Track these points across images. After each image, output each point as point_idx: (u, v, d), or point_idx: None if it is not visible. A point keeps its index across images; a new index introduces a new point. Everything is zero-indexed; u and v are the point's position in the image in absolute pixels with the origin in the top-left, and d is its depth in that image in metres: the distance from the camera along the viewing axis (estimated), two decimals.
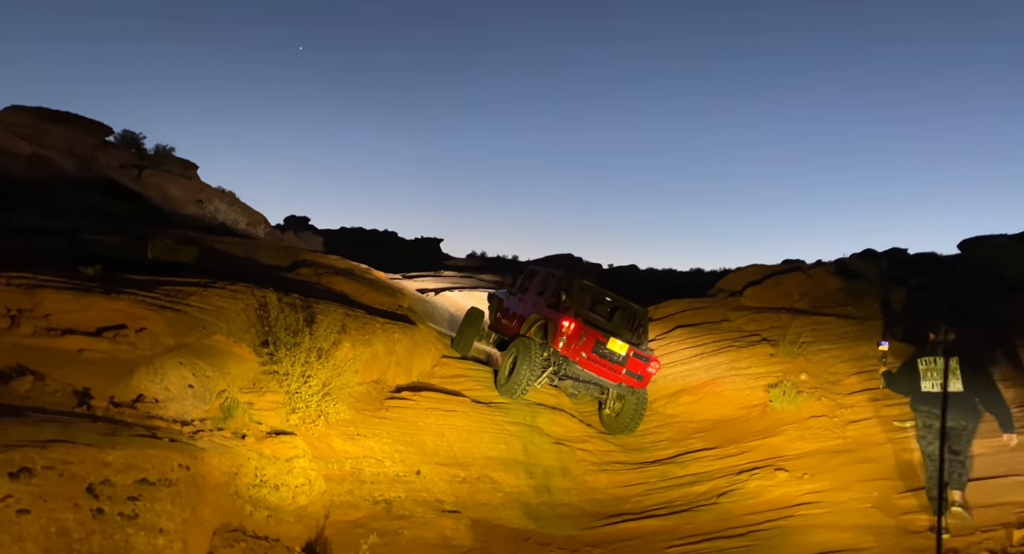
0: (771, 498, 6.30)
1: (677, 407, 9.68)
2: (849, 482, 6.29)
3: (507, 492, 6.55)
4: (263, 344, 6.19)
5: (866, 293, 13.21)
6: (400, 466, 6.19)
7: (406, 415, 7.19)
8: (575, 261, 38.68)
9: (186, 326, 5.52)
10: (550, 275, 9.79)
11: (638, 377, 8.74)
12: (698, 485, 6.98)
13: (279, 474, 4.77)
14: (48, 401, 3.82)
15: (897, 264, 17.10)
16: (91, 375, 4.40)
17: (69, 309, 4.90)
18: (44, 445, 2.90)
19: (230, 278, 7.30)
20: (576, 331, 8.44)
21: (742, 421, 8.64)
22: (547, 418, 8.60)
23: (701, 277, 31.70)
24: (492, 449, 7.21)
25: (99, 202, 16.32)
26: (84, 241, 8.74)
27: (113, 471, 3.10)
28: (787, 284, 14.71)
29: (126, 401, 4.34)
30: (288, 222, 42.35)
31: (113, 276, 6.20)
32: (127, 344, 4.87)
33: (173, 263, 8.06)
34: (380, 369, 7.82)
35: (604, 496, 7.05)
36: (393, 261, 30.11)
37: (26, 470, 2.72)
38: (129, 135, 22.75)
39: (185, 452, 3.70)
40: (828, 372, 9.40)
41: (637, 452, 8.38)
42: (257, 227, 21.80)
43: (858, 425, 7.58)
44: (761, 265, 16.74)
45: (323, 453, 5.73)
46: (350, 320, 7.63)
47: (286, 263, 12.10)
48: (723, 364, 10.40)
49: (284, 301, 6.69)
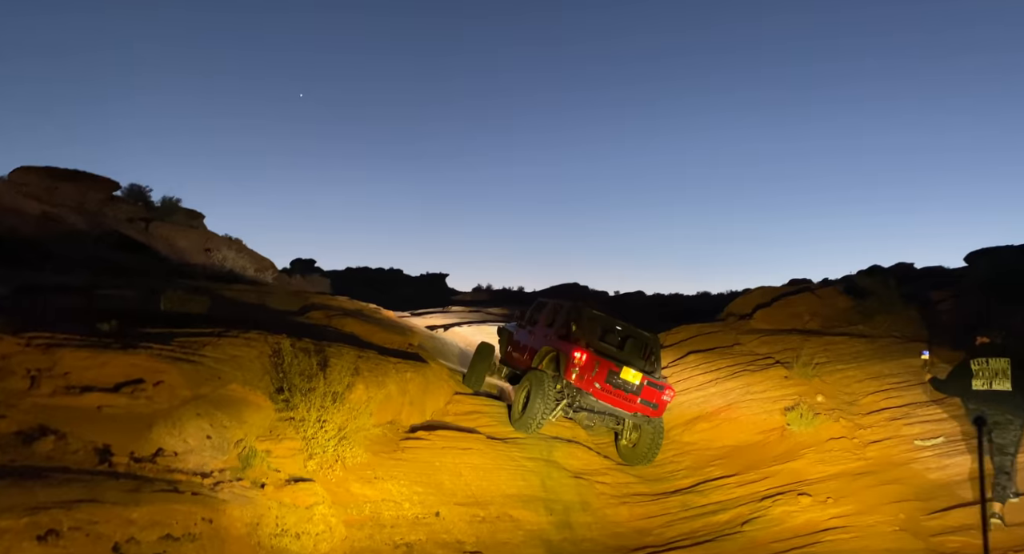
0: (796, 524, 6.22)
1: (694, 434, 9.60)
2: (874, 505, 6.21)
3: (528, 530, 6.48)
4: (278, 391, 6.21)
5: (877, 311, 13.15)
6: (419, 508, 6.15)
7: (422, 455, 7.16)
8: (581, 289, 38.65)
9: (202, 377, 5.56)
10: (559, 306, 9.81)
11: (653, 406, 8.69)
12: (721, 514, 6.89)
13: (299, 522, 4.76)
14: (70, 460, 3.86)
15: (905, 279, 17.04)
16: (111, 431, 4.44)
17: (87, 366, 4.96)
18: (70, 506, 2.93)
19: (243, 326, 7.36)
20: (588, 362, 8.43)
21: (761, 446, 8.56)
22: (564, 452, 8.54)
23: (709, 300, 31.63)
24: (510, 486, 7.16)
25: (109, 256, 16.54)
26: (98, 297, 8.85)
27: (138, 528, 3.12)
28: (796, 305, 14.67)
29: (146, 456, 4.37)
30: (295, 265, 42.64)
31: (129, 331, 6.27)
32: (145, 398, 4.91)
33: (186, 314, 8.14)
34: (394, 410, 7.81)
35: (626, 529, 6.97)
36: (400, 299, 30.22)
37: (53, 532, 2.75)
38: (136, 189, 23.12)
39: (207, 505, 3.72)
40: (844, 392, 9.32)
41: (656, 482, 8.29)
42: (265, 272, 21.97)
43: (879, 446, 7.50)
44: (769, 287, 16.73)
45: (342, 498, 5.71)
46: (362, 362, 7.66)
47: (296, 307, 12.18)
48: (738, 389, 10.34)
49: (297, 346, 6.74)
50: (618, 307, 28.23)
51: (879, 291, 13.71)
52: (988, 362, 5.57)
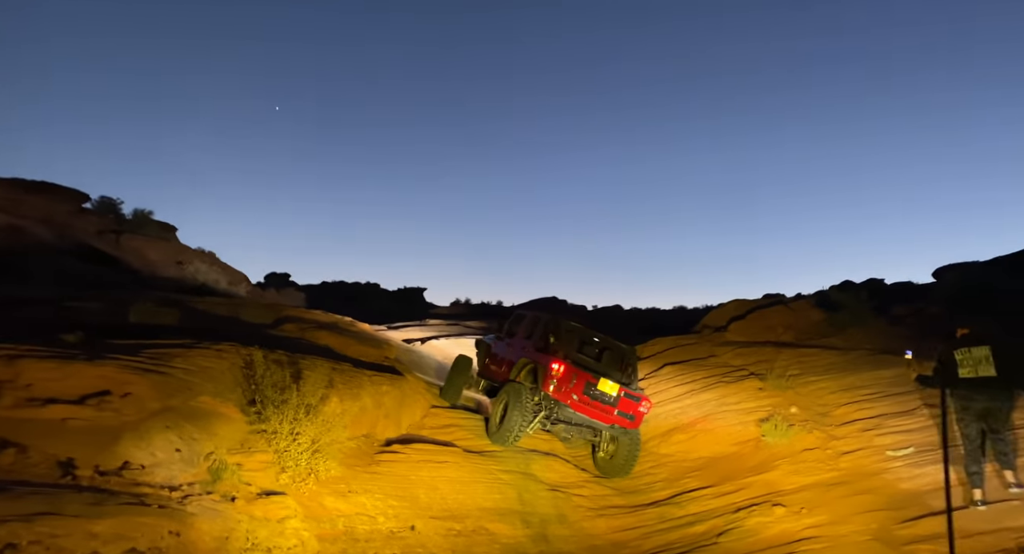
0: (771, 535, 6.24)
1: (670, 446, 9.62)
2: (847, 515, 6.26)
3: (504, 543, 6.41)
4: (250, 403, 6.10)
5: (849, 324, 13.39)
6: (394, 522, 6.06)
7: (398, 469, 7.07)
8: (559, 304, 38.76)
9: (172, 388, 5.44)
10: (537, 319, 9.80)
11: (630, 418, 8.69)
12: (697, 525, 6.89)
13: (271, 536, 4.65)
14: (32, 473, 3.73)
15: (875, 294, 17.38)
16: (75, 444, 4.31)
17: (51, 378, 4.82)
18: (30, 519, 2.83)
19: (214, 338, 7.24)
20: (566, 373, 8.41)
21: (736, 457, 8.60)
22: (541, 465, 8.50)
23: (685, 314, 31.96)
24: (487, 499, 7.09)
25: (77, 269, 16.18)
26: (64, 308, 8.63)
27: (101, 542, 3.03)
28: (771, 318, 14.88)
29: (112, 469, 4.25)
30: (269, 279, 42.17)
31: (96, 342, 6.13)
32: (112, 410, 4.78)
33: (156, 326, 7.98)
34: (369, 423, 7.72)
35: (603, 542, 6.93)
36: (377, 313, 29.96)
37: (11, 546, 2.65)
38: (107, 201, 22.70)
39: (175, 518, 3.62)
40: (818, 404, 9.43)
41: (633, 495, 8.27)
42: (239, 286, 21.68)
43: (852, 456, 7.58)
44: (743, 300, 16.95)
45: (315, 512, 5.60)
46: (337, 374, 7.57)
47: (270, 320, 12.02)
48: (713, 400, 10.41)
49: (270, 358, 6.63)
50: (596, 321, 28.32)
51: (851, 305, 13.97)
52: (971, 351, 5.79)
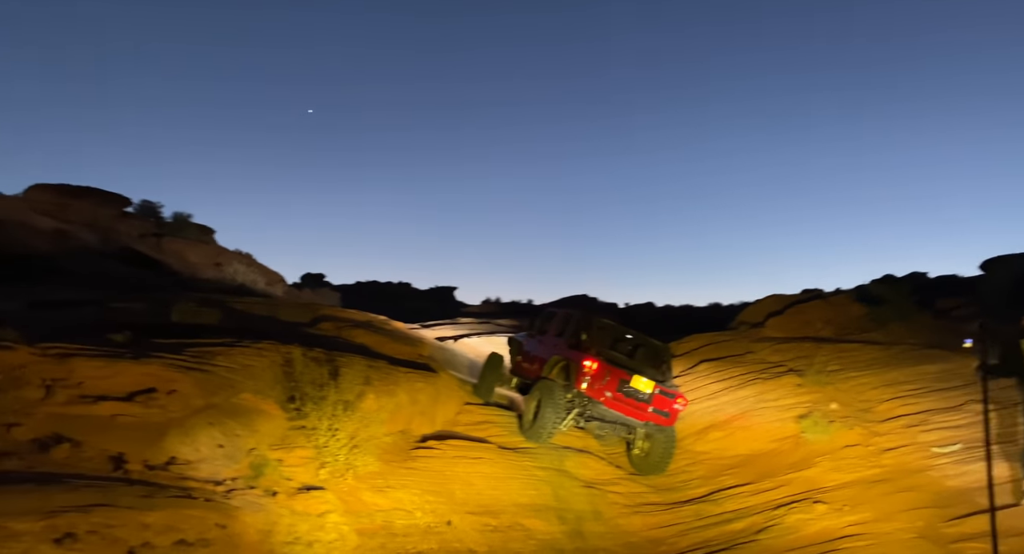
0: (812, 532, 6.14)
1: (707, 444, 9.52)
2: (891, 512, 6.12)
3: (540, 539, 6.43)
4: (290, 400, 6.23)
5: (890, 318, 13.06)
6: (431, 517, 6.12)
7: (433, 464, 7.14)
8: (590, 301, 38.62)
9: (214, 386, 5.59)
10: (569, 316, 9.78)
11: (665, 415, 8.63)
12: (735, 522, 6.81)
13: (312, 530, 4.75)
14: (85, 467, 3.88)
15: (919, 288, 16.94)
16: (125, 439, 4.46)
17: (101, 376, 4.99)
18: (86, 510, 2.94)
19: (254, 336, 7.40)
20: (599, 371, 8.38)
21: (774, 454, 8.47)
22: (575, 461, 8.49)
23: (719, 311, 31.51)
24: (522, 495, 7.12)
25: (121, 271, 16.71)
26: (110, 309, 8.93)
27: (153, 533, 3.13)
28: (809, 313, 14.60)
29: (159, 464, 4.39)
30: (305, 279, 42.84)
31: (141, 341, 6.32)
32: (158, 407, 4.94)
33: (198, 325, 8.19)
34: (405, 419, 7.81)
35: (639, 539, 6.90)
36: (409, 311, 30.24)
37: (70, 535, 2.76)
38: (147, 205, 23.40)
39: (220, 511, 3.73)
40: (859, 400, 9.23)
41: (669, 492, 8.22)
42: (275, 286, 22.11)
43: (895, 453, 7.41)
44: (781, 295, 16.66)
45: (353, 507, 5.70)
46: (373, 371, 7.67)
47: (307, 319, 12.23)
48: (750, 397, 10.26)
49: (308, 356, 6.76)
50: (627, 319, 28.15)
51: (892, 299, 13.63)
52: None
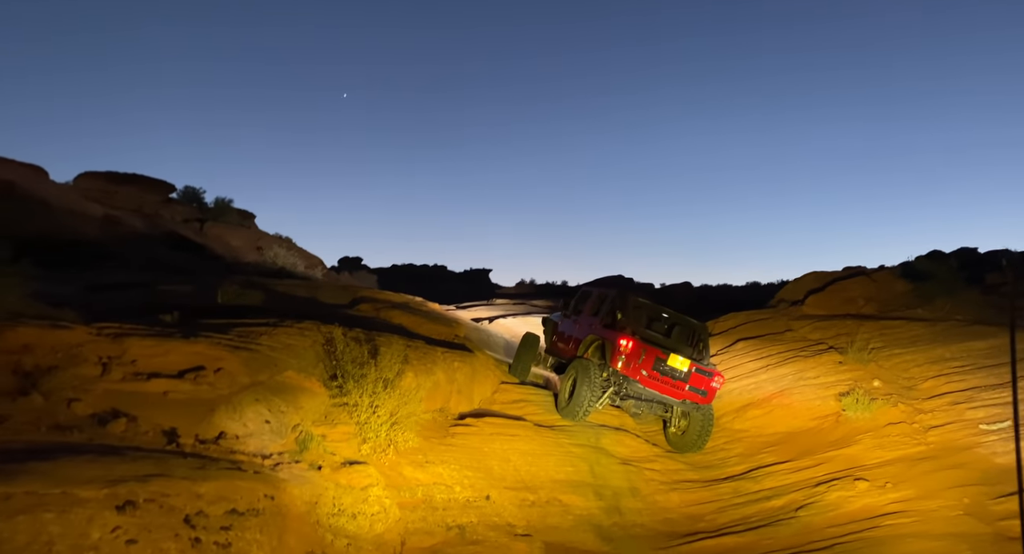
0: (853, 509, 6.08)
1: (745, 422, 9.45)
2: (936, 490, 6.02)
3: (577, 514, 6.51)
4: (331, 377, 6.39)
5: (937, 294, 12.68)
6: (470, 492, 6.25)
7: (471, 441, 7.26)
8: (626, 282, 38.39)
9: (259, 364, 5.76)
10: (604, 295, 9.76)
11: (702, 393, 8.59)
12: (774, 500, 6.78)
13: (355, 503, 4.89)
14: (142, 440, 4.07)
15: (967, 263, 16.37)
16: (176, 415, 4.65)
17: (152, 354, 5.20)
18: (145, 479, 3.09)
19: (296, 317, 7.59)
20: (635, 349, 8.38)
21: (815, 432, 8.37)
22: (611, 439, 8.53)
23: (758, 291, 31.02)
24: (559, 472, 7.20)
25: (167, 255, 17.23)
26: (159, 292, 9.25)
27: (206, 502, 3.27)
28: (851, 290, 14.27)
29: (210, 438, 4.57)
30: (342, 263, 43.56)
31: (189, 322, 6.55)
32: (207, 384, 5.12)
33: (242, 306, 8.44)
34: (443, 397, 7.94)
35: (677, 515, 6.93)
36: (444, 293, 30.52)
37: (131, 503, 2.91)
38: (190, 191, 24.02)
39: (269, 483, 3.87)
40: (903, 377, 9.04)
41: (707, 469, 8.20)
42: (314, 269, 22.52)
43: (940, 430, 7.26)
44: (821, 272, 16.29)
45: (395, 481, 5.85)
46: (411, 351, 7.80)
47: (346, 301, 12.47)
48: (790, 375, 10.13)
49: (349, 336, 6.91)
50: (664, 298, 27.91)
51: (939, 274, 13.21)
52: None
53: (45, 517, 2.61)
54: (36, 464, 2.99)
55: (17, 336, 4.65)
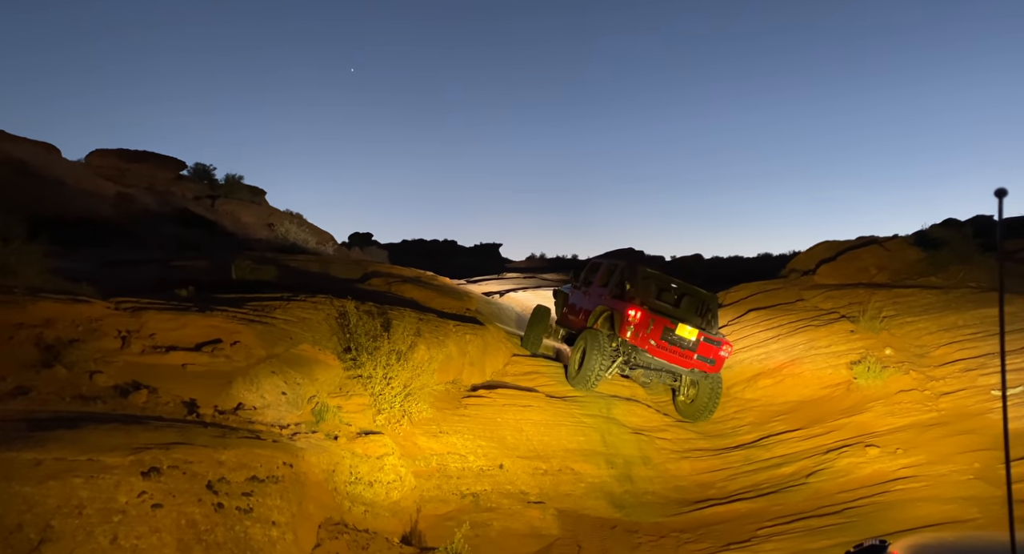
0: (863, 475, 6.13)
1: (756, 391, 9.50)
2: (947, 455, 6.06)
3: (589, 482, 6.62)
4: (345, 350, 6.48)
5: (951, 261, 12.57)
6: (483, 461, 6.36)
7: (484, 412, 7.36)
8: (637, 254, 38.24)
9: (274, 337, 5.85)
10: (613, 266, 9.78)
11: (710, 362, 8.64)
12: (785, 467, 6.85)
13: (372, 471, 5.00)
14: (162, 411, 4.17)
15: (982, 230, 16.16)
16: (195, 387, 4.75)
17: (170, 328, 5.30)
18: (167, 447, 3.18)
19: (309, 292, 7.67)
20: (643, 319, 8.42)
21: (826, 400, 8.41)
22: (623, 409, 8.61)
23: (770, 262, 30.77)
24: (571, 441, 7.29)
25: (179, 232, 17.37)
26: (173, 268, 9.35)
27: (228, 469, 3.37)
28: (863, 259, 14.17)
29: (228, 409, 4.67)
30: (353, 239, 43.64)
31: (204, 296, 6.64)
32: (224, 357, 5.22)
33: (256, 281, 8.53)
34: (455, 369, 8.03)
35: (688, 483, 7.02)
36: (455, 268, 30.58)
37: (155, 470, 3.00)
38: (201, 168, 24.07)
39: (288, 451, 3.96)
40: (915, 345, 9.03)
41: (718, 438, 8.28)
42: (326, 245, 22.62)
43: (952, 397, 7.27)
44: (834, 241, 16.14)
45: (410, 451, 5.96)
46: (423, 324, 7.88)
47: (358, 275, 12.56)
48: (801, 344, 10.13)
49: (361, 309, 6.98)
50: (675, 270, 27.82)
51: (954, 241, 13.08)
52: None
53: (74, 482, 2.70)
54: (63, 432, 3.08)
55: (39, 310, 4.75)
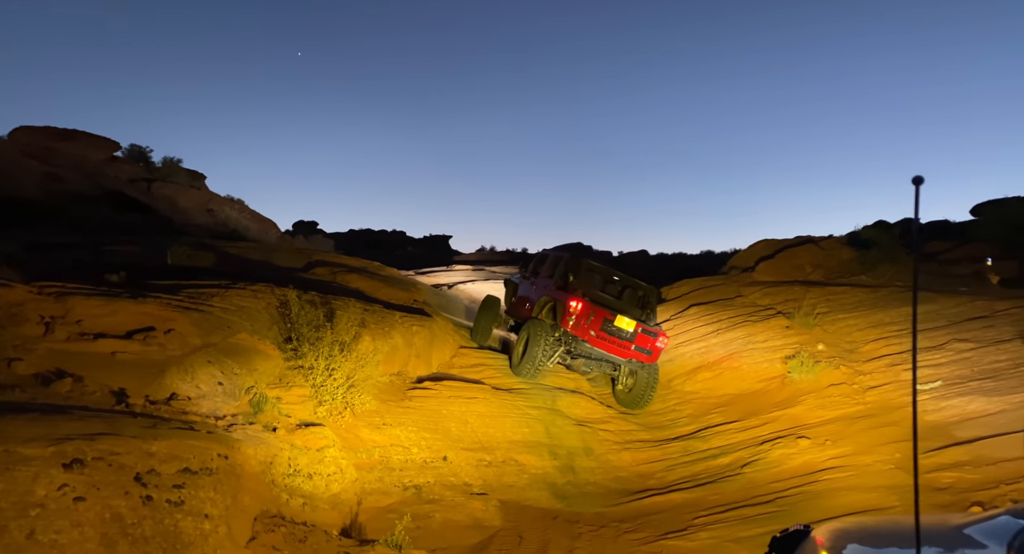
0: (795, 465, 6.38)
1: (696, 384, 9.76)
2: (872, 446, 6.35)
3: (533, 473, 6.66)
4: (286, 340, 6.32)
5: (880, 261, 13.19)
6: (427, 453, 6.32)
7: (429, 404, 7.31)
8: (585, 249, 38.68)
9: (211, 326, 5.65)
10: (558, 258, 9.98)
11: (647, 352, 8.96)
12: (721, 457, 7.06)
13: (311, 463, 4.90)
14: (88, 400, 3.97)
15: (909, 231, 17.01)
16: (125, 376, 4.54)
17: (99, 314, 5.05)
18: (93, 438, 3.03)
19: (249, 279, 7.44)
20: (584, 310, 8.67)
21: (761, 393, 8.70)
22: (567, 401, 8.71)
23: (712, 258, 31.63)
24: (515, 433, 7.33)
25: (112, 216, 16.57)
26: (104, 252, 8.91)
27: (158, 461, 3.23)
28: (799, 257, 14.72)
29: (161, 399, 4.48)
30: (297, 227, 42.64)
31: (137, 282, 6.36)
32: (157, 345, 5.01)
33: (192, 268, 8.22)
34: (401, 361, 7.95)
35: (628, 473, 7.15)
36: (403, 259, 30.28)
37: (78, 461, 2.85)
38: (136, 149, 22.99)
39: (223, 443, 3.84)
40: (845, 341, 9.43)
41: (659, 430, 8.47)
42: (268, 233, 22.00)
43: (878, 390, 7.63)
44: (772, 239, 16.72)
45: (352, 443, 5.87)
46: (368, 315, 7.76)
47: (301, 264, 12.26)
48: (739, 339, 10.45)
49: (304, 299, 6.82)
50: (621, 266, 28.25)
51: (883, 242, 13.72)
52: None
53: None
54: None
55: None
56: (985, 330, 8.37)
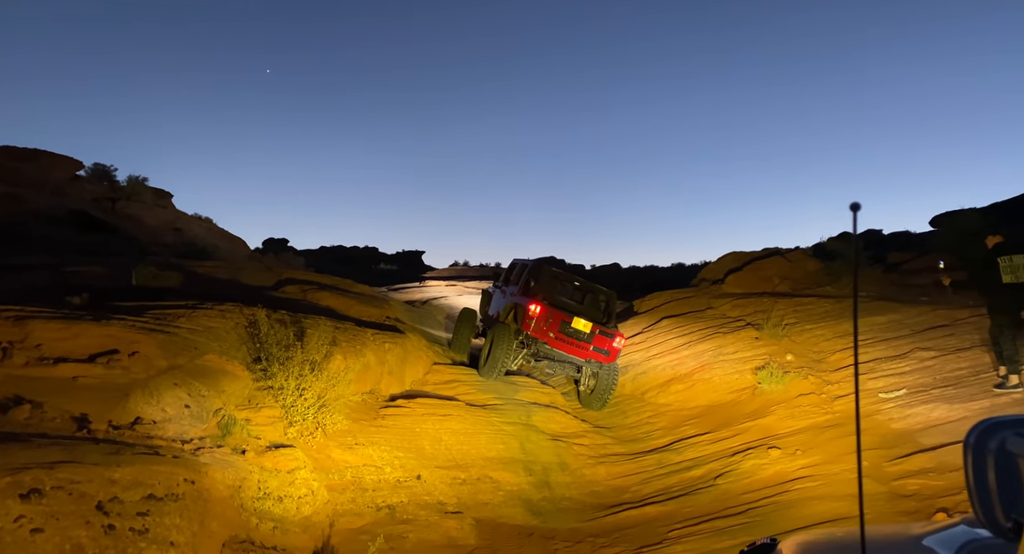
0: (766, 476, 6.44)
1: (669, 396, 9.82)
2: (840, 454, 6.45)
3: (508, 490, 6.62)
4: (255, 360, 6.22)
5: (844, 272, 13.50)
6: (400, 472, 6.25)
7: (402, 422, 7.24)
8: (558, 263, 38.87)
9: (178, 347, 5.54)
10: (524, 266, 10.31)
11: (605, 353, 9.31)
12: (694, 470, 7.10)
13: (282, 486, 4.82)
14: (48, 427, 3.86)
15: (872, 243, 17.47)
16: (88, 400, 4.42)
17: (60, 338, 4.92)
18: (51, 466, 2.94)
19: (217, 299, 7.33)
20: (543, 313, 9.04)
21: (733, 405, 8.80)
22: (542, 416, 8.70)
23: (683, 271, 32.05)
24: (490, 449, 7.29)
25: (75, 236, 16.18)
26: (67, 273, 8.70)
27: (121, 488, 3.15)
28: (767, 269, 14.99)
29: (125, 424, 4.37)
30: (267, 245, 42.13)
31: (100, 304, 6.22)
32: (121, 368, 4.89)
33: (159, 288, 8.07)
34: (373, 379, 7.87)
35: (604, 488, 7.15)
36: (377, 275, 30.07)
37: (36, 491, 2.77)
38: (100, 168, 22.54)
39: (189, 467, 3.75)
40: (813, 351, 9.60)
41: (633, 443, 8.49)
42: (237, 251, 21.70)
43: (845, 400, 7.76)
44: (740, 252, 17.00)
45: (323, 464, 5.78)
46: (340, 333, 7.68)
47: (271, 282, 12.11)
48: (710, 351, 10.57)
49: (273, 318, 6.73)
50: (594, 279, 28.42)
51: (847, 253, 14.05)
52: (1012, 258, 6.31)
53: None
54: None
55: None
56: (946, 338, 8.59)
